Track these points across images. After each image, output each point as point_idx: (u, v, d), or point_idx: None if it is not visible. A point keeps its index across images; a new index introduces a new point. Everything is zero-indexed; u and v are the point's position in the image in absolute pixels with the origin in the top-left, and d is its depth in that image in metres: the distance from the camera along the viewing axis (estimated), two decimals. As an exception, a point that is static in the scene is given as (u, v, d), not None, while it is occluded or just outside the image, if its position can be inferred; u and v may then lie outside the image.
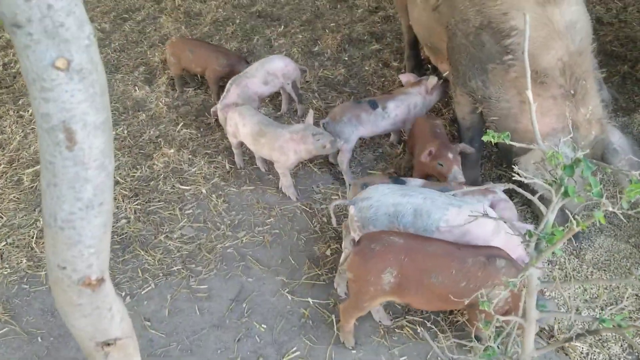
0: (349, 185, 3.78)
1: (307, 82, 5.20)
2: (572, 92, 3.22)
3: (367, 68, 5.35)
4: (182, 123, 4.75)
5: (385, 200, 3.00)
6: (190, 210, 3.94)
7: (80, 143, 1.39)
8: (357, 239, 2.91)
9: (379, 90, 5.02)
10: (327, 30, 5.98)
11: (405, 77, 4.40)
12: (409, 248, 2.71)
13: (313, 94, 5.06)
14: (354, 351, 3.02)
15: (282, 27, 6.10)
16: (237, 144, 4.17)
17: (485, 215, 2.18)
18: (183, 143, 4.53)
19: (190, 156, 4.38)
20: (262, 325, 3.17)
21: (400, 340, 3.06)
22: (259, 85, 4.45)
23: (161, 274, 3.49)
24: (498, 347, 2.28)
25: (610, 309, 2.94)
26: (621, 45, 5.35)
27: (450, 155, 3.49)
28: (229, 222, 3.83)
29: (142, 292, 3.39)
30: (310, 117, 3.83)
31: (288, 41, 5.83)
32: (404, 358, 2.97)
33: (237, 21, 6.28)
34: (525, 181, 1.89)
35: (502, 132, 3.64)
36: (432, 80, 4.20)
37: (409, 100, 4.12)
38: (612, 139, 3.32)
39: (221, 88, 4.64)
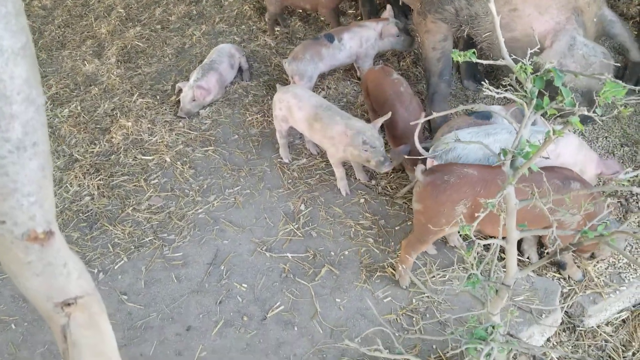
0: None
1: (263, 39, 5.03)
2: None
3: (323, 18, 5.20)
4: (137, 93, 4.56)
5: (471, 146, 2.89)
6: (156, 180, 3.80)
7: (-1, 73, 1.22)
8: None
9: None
10: (278, -15, 5.77)
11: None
12: (483, 179, 2.65)
13: (271, 51, 4.90)
14: (338, 300, 2.98)
15: (232, -15, 5.86)
16: (287, 131, 3.71)
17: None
18: (140, 113, 4.35)
19: (149, 125, 4.21)
20: (243, 285, 3.10)
21: (383, 283, 3.03)
22: (228, 71, 4.48)
23: (133, 247, 3.38)
24: (481, 273, 2.26)
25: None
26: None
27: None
28: (198, 187, 3.72)
29: (115, 267, 3.27)
30: (380, 121, 3.33)
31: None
32: (388, 299, 2.95)
33: (184, -17, 6.01)
34: (496, 95, 1.82)
35: (494, 47, 3.57)
36: (389, 27, 4.14)
37: (363, 33, 4.15)
38: (606, 12, 3.34)
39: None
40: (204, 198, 3.64)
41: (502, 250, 2.20)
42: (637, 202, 3.23)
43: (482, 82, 2.05)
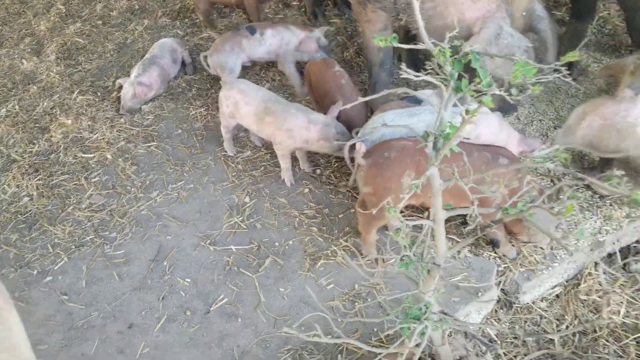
0: None
1: (208, 33, 4.98)
2: None
3: (267, 10, 5.18)
4: (77, 90, 4.46)
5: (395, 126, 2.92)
6: (97, 178, 3.74)
7: None
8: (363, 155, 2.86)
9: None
10: (222, -23, 5.71)
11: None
12: (421, 148, 2.67)
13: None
14: (282, 289, 3.00)
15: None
16: (233, 127, 3.67)
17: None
18: (81, 111, 4.26)
19: (90, 123, 4.13)
20: (186, 280, 3.08)
21: (326, 270, 3.06)
22: (171, 66, 4.43)
23: (73, 247, 3.31)
24: (414, 254, 2.30)
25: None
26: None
27: None
28: (140, 184, 3.67)
29: (55, 268, 3.21)
30: (335, 110, 3.37)
31: (182, -7, 5.55)
32: (331, 286, 2.98)
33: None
34: (414, 78, 1.86)
35: (429, 35, 3.62)
36: (308, 42, 4.09)
37: (285, 35, 4.12)
38: (536, 6, 3.41)
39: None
40: (146, 194, 3.60)
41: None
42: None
43: (422, 70, 2.08)
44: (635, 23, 3.43)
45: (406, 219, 2.12)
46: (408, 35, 3.94)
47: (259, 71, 4.47)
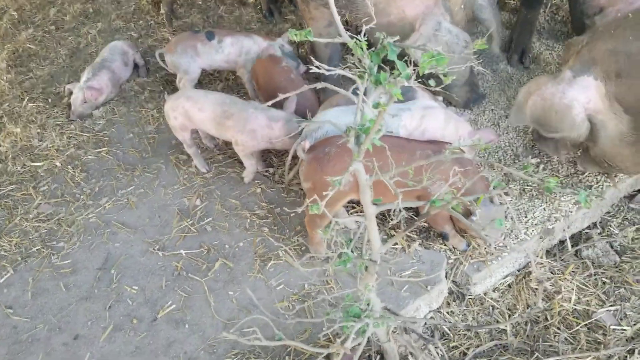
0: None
1: (161, 33, 4.90)
2: None
3: (222, 9, 5.11)
4: (27, 98, 4.36)
5: (338, 122, 2.87)
6: (46, 187, 3.65)
7: None
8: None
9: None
10: (177, -23, 5.63)
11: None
12: None
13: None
14: (231, 292, 2.95)
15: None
16: (190, 138, 3.49)
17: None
18: (30, 118, 4.17)
19: (39, 130, 4.04)
20: (134, 288, 3.02)
21: (277, 271, 3.01)
22: (122, 69, 4.34)
23: (19, 258, 3.23)
24: (352, 251, 2.27)
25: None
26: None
27: None
28: (89, 191, 3.59)
29: (1, 281, 3.13)
30: (292, 104, 3.32)
31: (135, -6, 5.46)
32: (281, 287, 2.94)
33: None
34: (327, 73, 1.82)
35: (374, 32, 3.61)
36: (269, 50, 3.86)
37: (245, 44, 3.90)
38: None
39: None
40: (95, 201, 3.52)
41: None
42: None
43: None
44: (574, 9, 3.42)
45: (354, 215, 2.10)
46: (358, 31, 3.90)
47: (212, 71, 4.40)
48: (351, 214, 3.19)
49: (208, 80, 4.33)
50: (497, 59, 4.04)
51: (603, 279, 2.99)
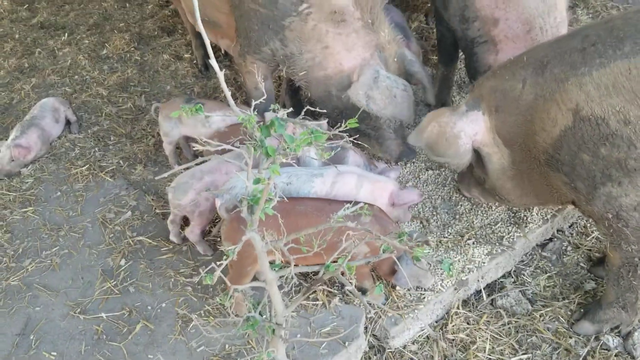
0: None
1: (96, 89, 4.94)
2: (370, 20, 3.36)
3: (159, 64, 5.20)
4: (-46, 156, 4.29)
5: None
6: (-33, 249, 3.59)
7: None
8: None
9: (173, 87, 4.90)
10: (115, 31, 5.71)
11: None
12: (282, 208, 2.62)
13: (102, 100, 4.81)
14: (150, 356, 2.93)
15: (67, 35, 5.72)
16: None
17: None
18: (-46, 177, 4.10)
19: (-37, 191, 3.98)
20: (52, 354, 2.98)
21: (198, 332, 3.01)
22: (53, 126, 4.34)
23: None
24: (260, 314, 2.31)
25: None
26: None
27: None
28: (12, 252, 3.54)
29: None
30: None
31: (73, 48, 5.49)
32: (201, 348, 2.94)
33: (17, 36, 5.79)
34: (212, 149, 1.90)
35: (311, 85, 3.67)
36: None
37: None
38: (405, 52, 3.56)
39: None
40: (18, 263, 3.47)
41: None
42: (437, 222, 3.46)
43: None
44: (469, 62, 3.69)
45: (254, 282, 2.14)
46: (291, 84, 4.02)
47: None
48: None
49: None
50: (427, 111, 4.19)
51: (516, 327, 3.10)
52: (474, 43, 3.52)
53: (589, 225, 3.55)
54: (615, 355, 2.93)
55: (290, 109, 2.13)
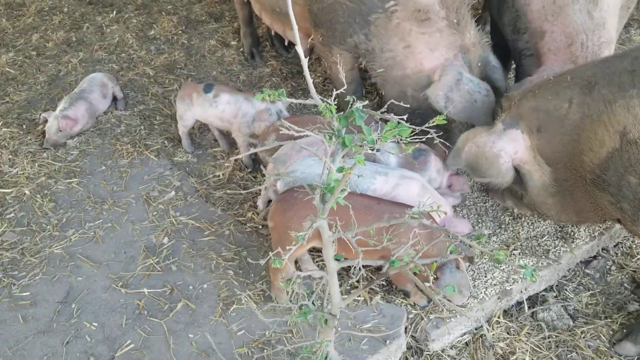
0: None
1: (143, 68, 4.97)
2: (456, 21, 3.32)
3: (205, 49, 5.22)
4: (1, 122, 4.35)
5: (310, 172, 2.96)
6: (12, 214, 3.62)
7: None
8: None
9: (219, 72, 4.92)
10: (163, 13, 5.74)
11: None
12: None
13: (149, 80, 4.84)
14: (191, 335, 2.94)
15: (115, 12, 5.76)
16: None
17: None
18: (3, 144, 4.14)
19: (10, 156, 4.02)
20: (93, 324, 3.00)
21: (239, 315, 3.02)
22: (100, 101, 4.37)
23: (-22, 287, 3.18)
24: (313, 303, 2.31)
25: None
26: None
27: None
28: (56, 221, 3.57)
29: (-44, 309, 3.07)
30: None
31: (121, 27, 5.53)
32: (242, 332, 2.95)
33: (65, 9, 5.85)
34: (296, 134, 1.90)
35: (387, 83, 3.56)
36: (263, 114, 3.66)
37: (243, 106, 3.71)
38: (490, 57, 3.50)
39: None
40: (62, 233, 3.50)
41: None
42: (482, 230, 3.44)
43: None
44: (517, 74, 3.67)
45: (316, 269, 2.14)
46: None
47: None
48: (316, 262, 3.24)
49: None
50: None
51: (557, 342, 3.08)
52: (521, 55, 3.52)
53: (634, 246, 3.51)
54: (657, 379, 2.90)
55: (367, 101, 2.13)
